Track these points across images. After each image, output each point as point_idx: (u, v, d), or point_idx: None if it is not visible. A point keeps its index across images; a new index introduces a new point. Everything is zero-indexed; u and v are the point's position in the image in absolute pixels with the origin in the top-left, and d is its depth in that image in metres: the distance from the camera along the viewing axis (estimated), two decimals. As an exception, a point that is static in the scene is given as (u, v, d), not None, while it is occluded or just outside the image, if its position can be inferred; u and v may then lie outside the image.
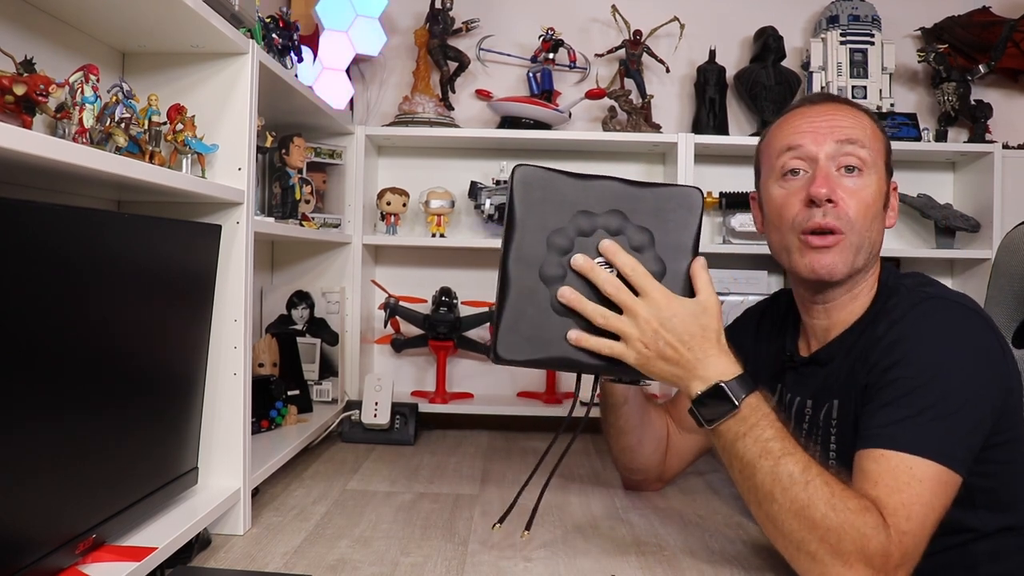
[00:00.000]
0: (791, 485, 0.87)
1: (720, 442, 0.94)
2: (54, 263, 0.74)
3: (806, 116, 1.08)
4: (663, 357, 0.93)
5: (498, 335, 0.96)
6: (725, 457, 0.95)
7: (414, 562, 1.03)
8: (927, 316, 0.99)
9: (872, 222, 1.05)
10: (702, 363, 0.93)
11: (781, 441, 0.90)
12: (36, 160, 0.70)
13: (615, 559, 1.06)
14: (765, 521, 0.91)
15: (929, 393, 0.92)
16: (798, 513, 0.86)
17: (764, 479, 0.89)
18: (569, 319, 0.96)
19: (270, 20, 1.33)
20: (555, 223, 0.97)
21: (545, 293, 0.96)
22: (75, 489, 0.82)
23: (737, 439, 0.92)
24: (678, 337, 0.93)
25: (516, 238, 0.96)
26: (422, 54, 2.04)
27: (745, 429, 0.91)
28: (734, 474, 0.94)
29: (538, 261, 0.96)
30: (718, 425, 0.93)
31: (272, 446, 1.39)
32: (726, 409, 0.92)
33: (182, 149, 1.04)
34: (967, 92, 2.02)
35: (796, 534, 0.87)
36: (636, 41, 2.03)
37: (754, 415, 0.92)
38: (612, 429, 1.27)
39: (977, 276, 1.95)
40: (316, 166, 1.83)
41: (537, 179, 0.97)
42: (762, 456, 0.89)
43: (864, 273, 1.07)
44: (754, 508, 0.93)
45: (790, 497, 0.87)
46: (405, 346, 1.98)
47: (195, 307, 1.06)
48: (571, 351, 0.96)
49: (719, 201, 2.00)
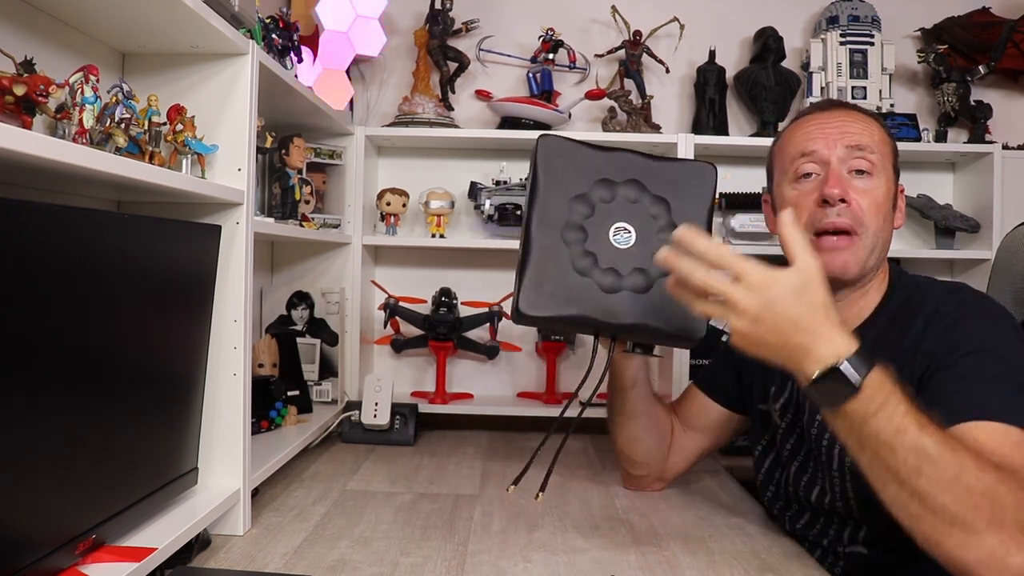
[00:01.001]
0: (940, 456, 0.81)
1: (845, 423, 0.86)
2: (54, 263, 0.74)
3: (818, 122, 1.12)
4: (764, 345, 0.87)
5: (520, 292, 0.99)
6: (851, 440, 0.87)
7: (414, 562, 1.03)
8: (968, 306, 1.04)
9: (884, 222, 1.09)
10: (815, 344, 0.85)
11: (914, 415, 0.84)
12: (36, 160, 0.70)
13: (615, 559, 1.06)
14: (909, 500, 0.84)
15: (1007, 367, 0.95)
16: (951, 484, 0.81)
17: (907, 456, 0.82)
18: (589, 279, 1.00)
19: (270, 20, 1.33)
20: (577, 189, 1.02)
21: (566, 253, 1.00)
22: (75, 489, 0.82)
23: (867, 419, 0.84)
24: (780, 326, 0.85)
25: (539, 200, 1.01)
26: (422, 54, 2.05)
27: (875, 408, 0.84)
28: (865, 456, 0.86)
29: (560, 223, 1.01)
30: (843, 406, 0.85)
31: (272, 446, 1.39)
32: (848, 392, 0.84)
33: (182, 149, 1.04)
34: (967, 92, 2.02)
35: (950, 507, 0.81)
36: (636, 41, 2.04)
37: (880, 393, 0.84)
38: (619, 417, 1.28)
39: (977, 276, 1.95)
40: (316, 166, 1.83)
41: (560, 148, 1.03)
42: (900, 432, 0.83)
43: (874, 271, 1.10)
44: (894, 489, 0.85)
45: (941, 468, 0.81)
46: (405, 346, 1.98)
47: (195, 307, 1.06)
48: (591, 309, 1.00)
49: (720, 201, 1.99)
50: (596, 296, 1.00)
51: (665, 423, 1.31)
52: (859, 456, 0.87)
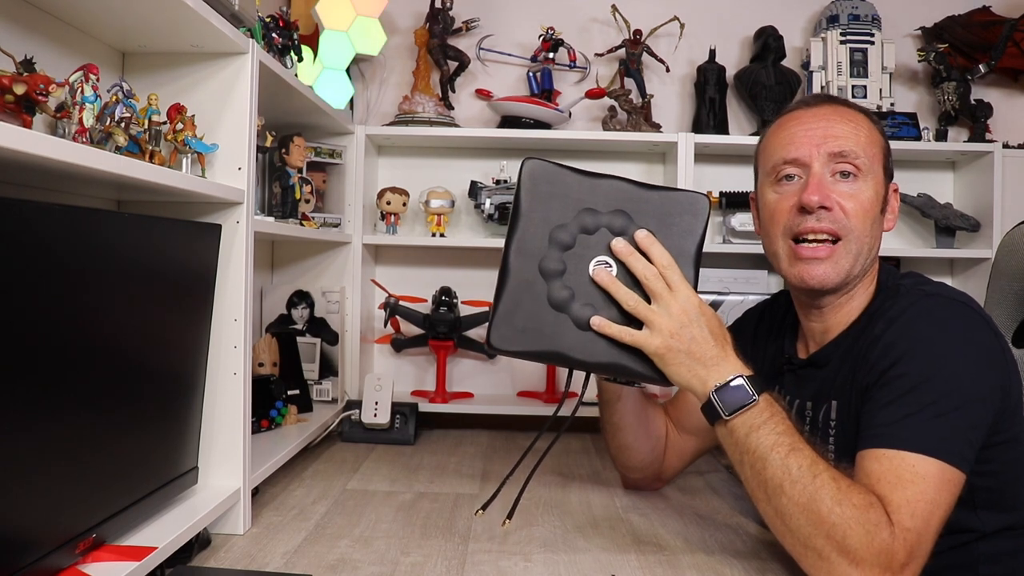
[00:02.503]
0: (800, 478, 0.88)
1: (733, 437, 0.94)
2: (54, 263, 0.74)
3: (802, 122, 1.08)
4: (687, 351, 0.94)
5: (492, 324, 0.96)
6: (736, 452, 0.95)
7: (414, 562, 1.03)
8: (925, 314, 0.98)
9: (871, 226, 1.04)
10: (722, 360, 0.95)
11: (791, 436, 0.91)
12: (36, 159, 0.70)
13: (615, 559, 1.06)
14: (774, 517, 0.91)
15: (929, 391, 0.91)
16: (805, 507, 0.87)
17: (775, 472, 0.89)
18: (564, 315, 0.96)
19: (270, 20, 1.33)
20: (559, 218, 0.97)
21: (543, 286, 0.96)
22: (75, 488, 0.82)
23: (751, 432, 0.92)
24: (703, 334, 0.95)
25: (519, 230, 0.97)
26: (422, 54, 2.04)
27: (760, 422, 0.92)
28: (744, 469, 0.94)
29: (539, 254, 0.97)
30: (733, 418, 0.93)
31: (272, 446, 1.39)
32: (745, 401, 0.93)
33: (182, 149, 1.04)
34: (967, 92, 2.02)
35: (803, 530, 0.87)
36: (636, 41, 2.03)
37: (768, 409, 0.93)
38: (608, 426, 1.27)
39: (977, 276, 1.95)
40: (316, 166, 1.83)
41: (545, 173, 0.98)
42: (774, 448, 0.90)
43: (860, 277, 1.07)
44: (763, 504, 0.93)
45: (798, 490, 0.87)
46: (405, 346, 1.98)
47: (195, 307, 1.06)
48: (564, 346, 0.96)
49: (719, 201, 1.99)
50: (570, 332, 0.96)
51: (659, 427, 1.30)
52: (740, 470, 0.95)
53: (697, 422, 1.32)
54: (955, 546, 0.97)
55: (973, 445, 0.91)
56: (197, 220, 1.10)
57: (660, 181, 2.07)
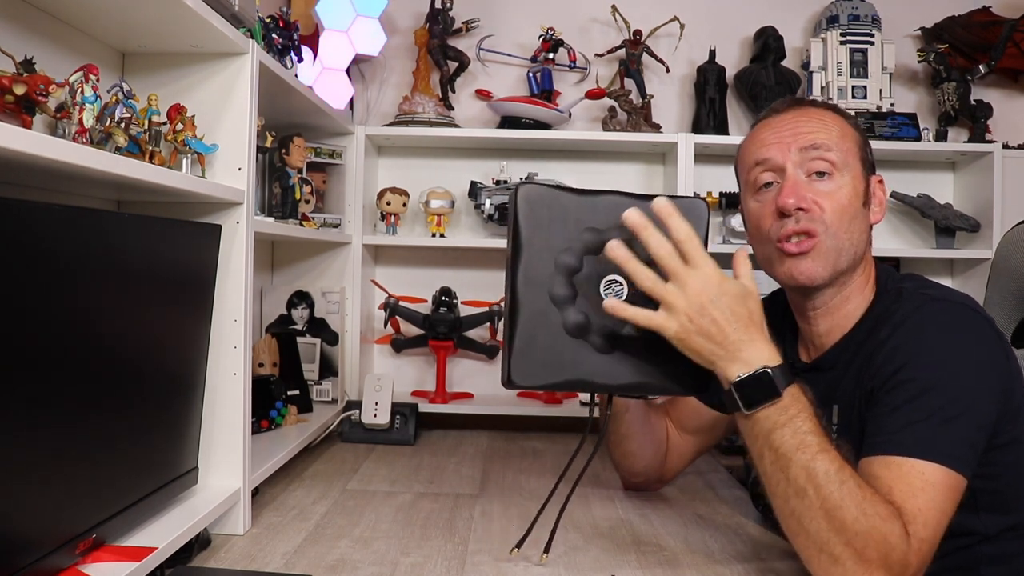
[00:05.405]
0: (826, 483, 0.84)
1: (754, 429, 0.90)
2: (54, 263, 0.74)
3: (771, 127, 1.08)
4: (705, 334, 0.89)
5: (511, 360, 0.93)
6: (756, 446, 0.90)
7: (414, 562, 1.03)
8: (930, 319, 0.98)
9: (851, 223, 1.03)
10: (747, 346, 0.89)
11: (818, 436, 0.87)
12: (36, 160, 0.70)
13: (615, 559, 1.06)
14: (790, 517, 0.88)
15: (936, 396, 0.91)
16: (829, 513, 0.84)
17: (798, 473, 0.86)
18: (582, 340, 0.94)
19: (270, 20, 1.33)
20: (562, 242, 0.94)
21: (557, 315, 0.93)
22: (75, 489, 0.82)
23: (775, 428, 0.88)
24: (725, 316, 0.89)
25: (523, 260, 0.94)
26: (422, 54, 2.04)
27: (785, 419, 0.88)
28: (764, 464, 0.90)
29: (547, 282, 0.94)
30: (756, 412, 0.89)
31: (272, 446, 1.39)
32: (769, 396, 0.88)
33: (182, 149, 1.04)
34: (967, 92, 2.02)
35: (822, 534, 0.84)
36: (636, 41, 2.04)
37: (795, 406, 0.88)
38: (614, 436, 1.27)
39: (977, 276, 1.95)
40: (316, 166, 1.83)
41: (541, 197, 0.95)
42: (799, 449, 0.86)
43: (851, 273, 1.06)
44: (780, 503, 0.89)
45: (823, 495, 0.84)
46: (405, 346, 1.98)
47: (195, 307, 1.06)
48: (586, 372, 0.94)
49: (719, 201, 2.00)
50: (590, 358, 0.94)
51: (660, 432, 1.29)
52: (759, 463, 0.91)
53: (698, 422, 1.32)
54: (957, 549, 0.96)
55: (976, 449, 0.91)
56: (197, 220, 1.10)
57: (660, 181, 2.07)
